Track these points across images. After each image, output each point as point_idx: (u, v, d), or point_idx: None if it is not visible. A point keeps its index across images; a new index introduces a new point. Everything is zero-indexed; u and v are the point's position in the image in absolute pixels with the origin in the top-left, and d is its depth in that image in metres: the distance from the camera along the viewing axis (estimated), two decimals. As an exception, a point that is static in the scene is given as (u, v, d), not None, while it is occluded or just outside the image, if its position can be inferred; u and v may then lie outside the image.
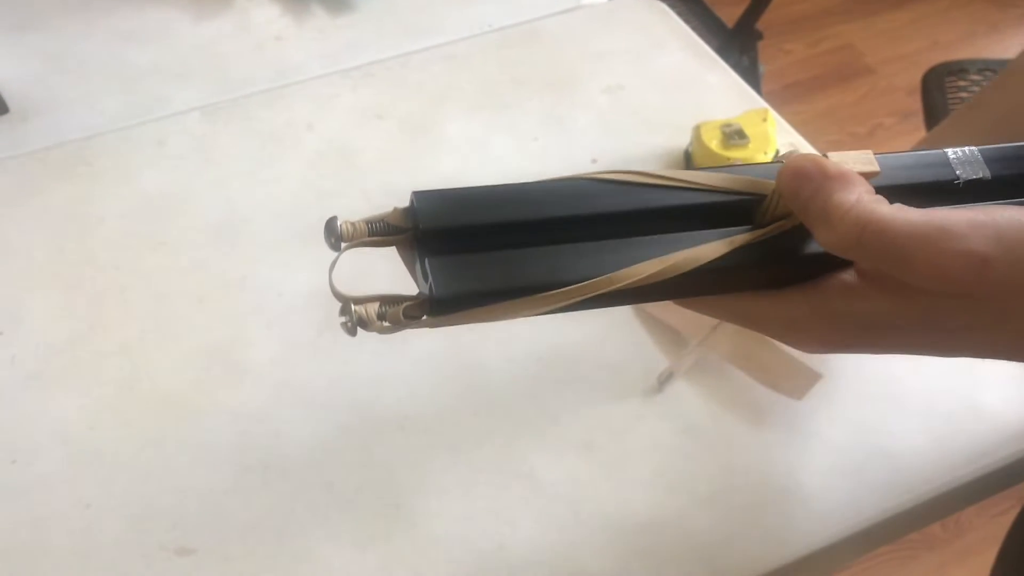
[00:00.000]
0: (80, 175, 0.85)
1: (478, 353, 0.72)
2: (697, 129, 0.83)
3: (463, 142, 0.88)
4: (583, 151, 0.87)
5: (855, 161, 0.36)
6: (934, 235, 0.32)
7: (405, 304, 0.33)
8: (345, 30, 1.01)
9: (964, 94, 1.36)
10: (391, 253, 0.36)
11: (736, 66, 1.23)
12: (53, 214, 0.81)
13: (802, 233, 0.37)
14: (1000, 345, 0.35)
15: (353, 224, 0.34)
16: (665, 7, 1.04)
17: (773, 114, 0.86)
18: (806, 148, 0.87)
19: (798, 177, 0.35)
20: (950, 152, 0.38)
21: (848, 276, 0.37)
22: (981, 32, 2.27)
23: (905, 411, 0.69)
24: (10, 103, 0.91)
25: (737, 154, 0.80)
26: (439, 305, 0.32)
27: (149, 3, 1.03)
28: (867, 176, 0.35)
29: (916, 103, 1.41)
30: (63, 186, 0.84)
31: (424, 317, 0.33)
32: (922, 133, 1.38)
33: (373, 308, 0.33)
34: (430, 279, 0.32)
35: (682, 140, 0.86)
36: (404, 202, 0.35)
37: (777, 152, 0.83)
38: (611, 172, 0.36)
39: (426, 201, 0.33)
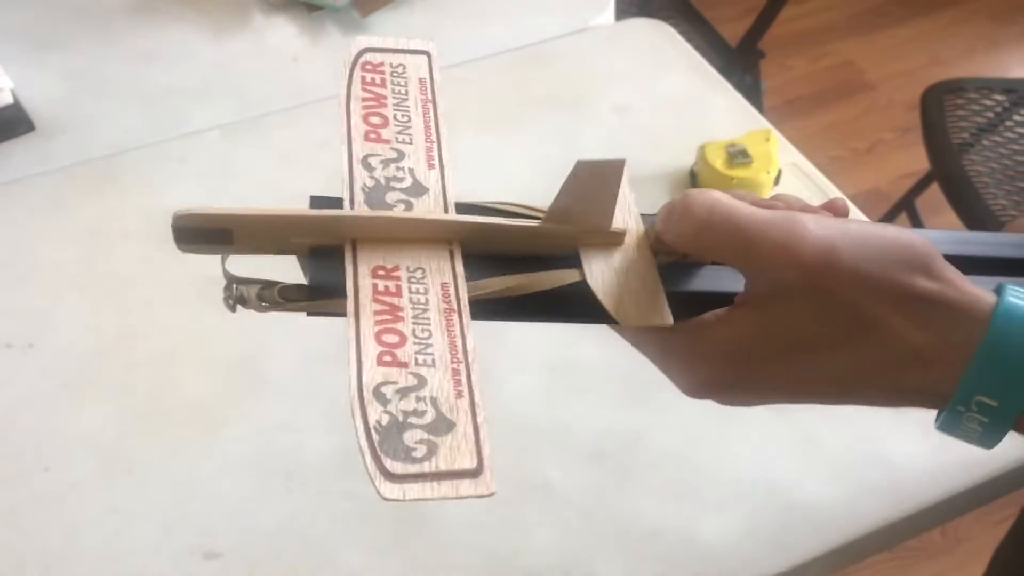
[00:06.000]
0: (106, 191, 0.88)
1: (491, 364, 0.74)
2: (702, 149, 0.86)
3: (475, 160, 0.91)
4: (592, 169, 0.90)
5: None
6: (783, 222, 0.34)
7: (280, 286, 0.37)
8: (360, 50, 1.03)
9: (962, 111, 1.39)
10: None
11: (739, 84, 1.26)
12: (81, 228, 0.84)
13: (675, 270, 0.39)
14: (868, 374, 0.35)
15: None
16: (670, 28, 1.06)
17: (776, 134, 0.88)
18: (806, 167, 0.90)
19: (667, 208, 0.37)
20: None
21: (719, 311, 0.37)
22: (980, 48, 2.29)
23: (904, 420, 0.71)
24: (36, 121, 0.93)
25: (741, 173, 0.83)
26: (314, 289, 0.36)
27: (167, 23, 1.05)
28: None
29: (916, 119, 1.44)
30: (90, 201, 0.86)
31: (299, 301, 0.37)
32: (921, 149, 1.40)
33: (255, 289, 0.37)
34: (310, 270, 0.37)
35: (688, 160, 0.89)
36: None
37: (780, 172, 0.86)
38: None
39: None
